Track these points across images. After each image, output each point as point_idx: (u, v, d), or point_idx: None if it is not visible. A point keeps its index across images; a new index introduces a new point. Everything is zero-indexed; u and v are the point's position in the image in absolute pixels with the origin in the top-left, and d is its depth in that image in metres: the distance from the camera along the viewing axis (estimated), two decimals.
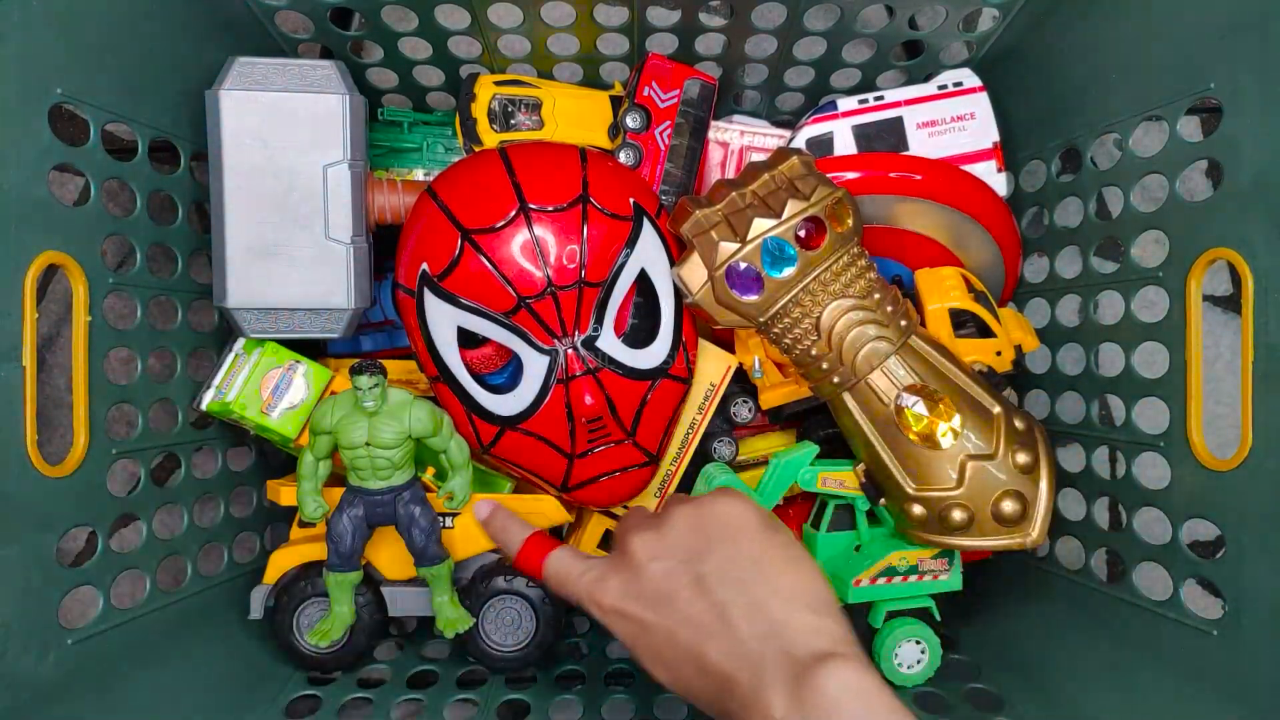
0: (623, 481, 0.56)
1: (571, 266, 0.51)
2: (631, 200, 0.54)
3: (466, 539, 0.58)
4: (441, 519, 0.56)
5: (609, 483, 0.56)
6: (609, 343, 0.53)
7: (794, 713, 0.33)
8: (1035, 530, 0.51)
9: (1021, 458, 0.51)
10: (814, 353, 0.52)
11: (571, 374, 0.53)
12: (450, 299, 0.52)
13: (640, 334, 0.56)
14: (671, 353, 0.55)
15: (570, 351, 0.53)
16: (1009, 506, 0.50)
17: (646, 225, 0.54)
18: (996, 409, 0.52)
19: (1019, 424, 0.52)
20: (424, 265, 0.52)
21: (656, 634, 0.39)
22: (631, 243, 0.53)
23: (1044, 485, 0.51)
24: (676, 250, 0.55)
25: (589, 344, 0.53)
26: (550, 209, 0.51)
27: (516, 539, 0.48)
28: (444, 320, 0.53)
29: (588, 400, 0.52)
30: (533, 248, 0.51)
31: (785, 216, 0.50)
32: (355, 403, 0.52)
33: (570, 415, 0.53)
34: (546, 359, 0.53)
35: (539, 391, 0.53)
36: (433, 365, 0.54)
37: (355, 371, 0.51)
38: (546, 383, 0.53)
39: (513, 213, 0.51)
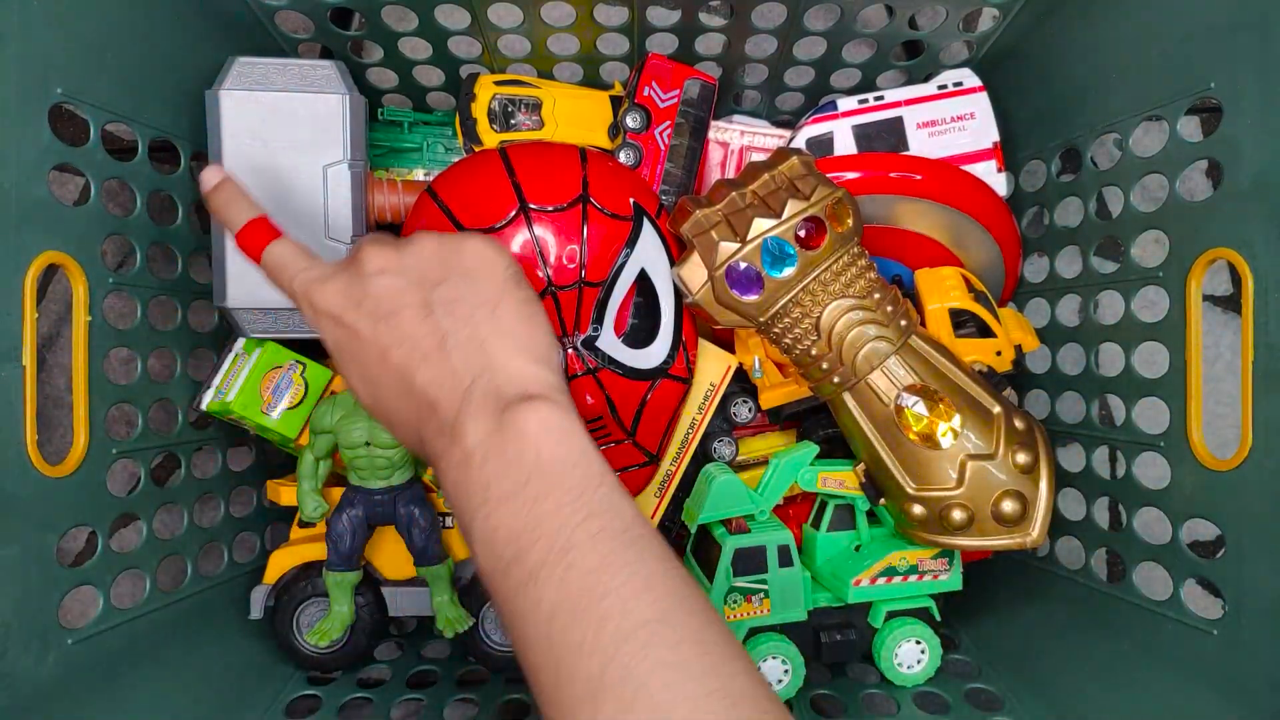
0: (623, 481, 0.56)
1: (571, 266, 0.51)
2: (631, 200, 0.54)
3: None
4: (441, 519, 0.56)
5: None
6: (609, 343, 0.53)
7: (489, 441, 0.33)
8: (1035, 530, 0.51)
9: (1021, 458, 0.51)
10: (814, 353, 0.52)
11: (571, 374, 0.53)
12: None
13: (640, 334, 0.56)
14: (671, 353, 0.55)
15: (570, 351, 0.53)
16: (1009, 506, 0.50)
17: (646, 225, 0.54)
18: (996, 409, 0.52)
19: (1019, 424, 0.52)
20: None
21: (367, 347, 0.37)
22: (631, 242, 0.53)
23: (1044, 485, 0.51)
24: (676, 250, 0.55)
25: (589, 344, 0.53)
26: (550, 209, 0.51)
27: (241, 217, 0.42)
28: None
29: (588, 400, 0.52)
30: (533, 247, 0.51)
31: (785, 216, 0.50)
32: (354, 404, 0.52)
33: None
34: None
35: None
36: None
37: None
38: None
39: (513, 213, 0.51)
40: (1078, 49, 0.57)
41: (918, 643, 0.57)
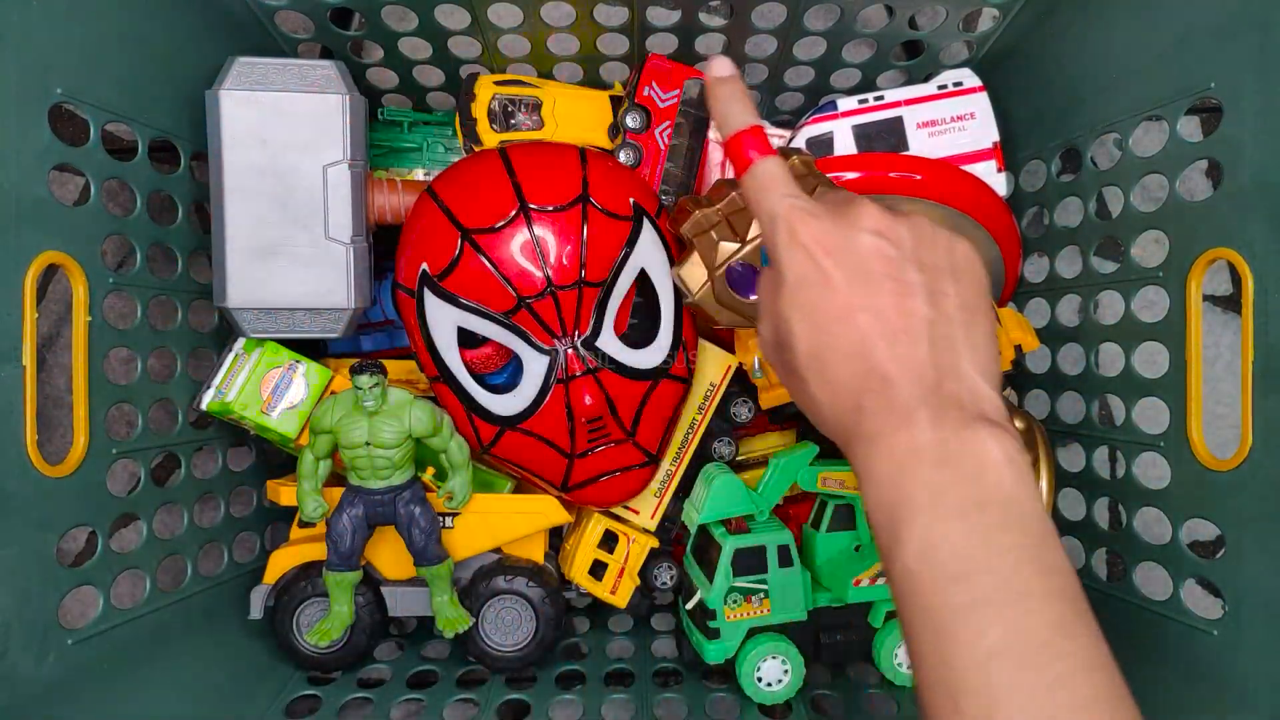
0: (622, 481, 0.56)
1: (571, 266, 0.51)
2: (631, 200, 0.54)
3: (466, 539, 0.58)
4: (441, 519, 0.56)
5: (608, 482, 0.56)
6: (609, 342, 0.53)
7: (947, 446, 0.32)
8: None
9: None
10: None
11: (571, 374, 0.53)
12: (450, 299, 0.52)
13: (640, 334, 0.56)
14: (671, 353, 0.55)
15: (570, 351, 0.53)
16: None
17: (646, 225, 0.54)
18: None
19: (1019, 424, 0.52)
20: (424, 265, 0.52)
21: (834, 296, 0.35)
22: (631, 242, 0.53)
23: (1044, 485, 0.51)
24: (676, 250, 0.55)
25: (589, 344, 0.53)
26: (550, 209, 0.51)
27: (739, 120, 0.40)
28: (444, 320, 0.53)
29: (587, 400, 0.52)
30: (533, 247, 0.51)
31: None
32: (355, 402, 0.52)
33: (570, 415, 0.53)
34: (546, 359, 0.53)
35: (539, 391, 0.53)
36: (433, 365, 0.54)
37: (355, 371, 0.51)
38: (546, 382, 0.53)
39: (513, 213, 0.51)
40: (1077, 49, 0.57)
41: None
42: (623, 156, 0.60)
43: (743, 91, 0.41)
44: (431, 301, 0.52)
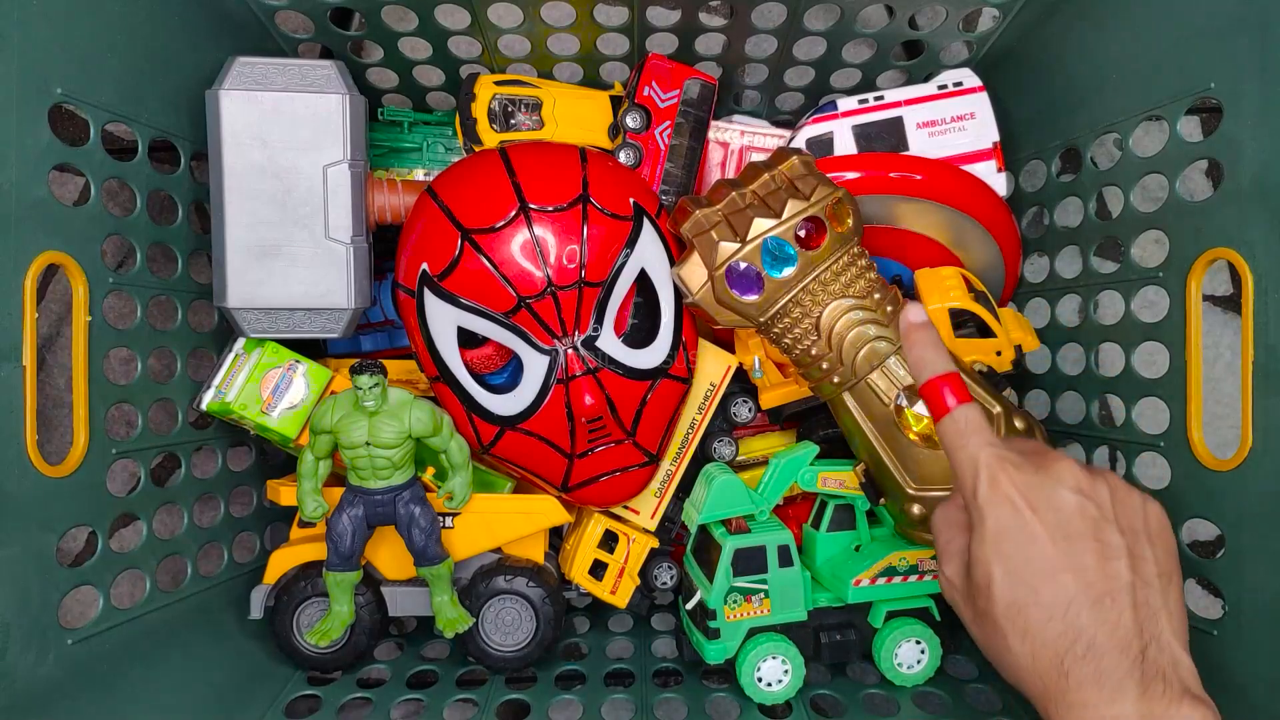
0: (622, 481, 0.56)
1: (571, 266, 0.51)
2: (631, 200, 0.54)
3: (467, 539, 0.58)
4: (441, 519, 0.56)
5: (609, 482, 0.56)
6: (609, 342, 0.53)
7: (1150, 717, 0.32)
8: None
9: None
10: (814, 352, 0.52)
11: (571, 374, 0.52)
12: (450, 299, 0.52)
13: (640, 334, 0.56)
14: (671, 353, 0.55)
15: (570, 351, 0.53)
16: None
17: (646, 225, 0.54)
18: (996, 409, 0.52)
19: (1019, 424, 0.52)
20: (424, 265, 0.52)
21: (1040, 554, 0.36)
22: (631, 242, 0.53)
23: None
24: (676, 250, 0.55)
25: (589, 344, 0.53)
26: (550, 209, 0.51)
27: (936, 366, 0.41)
28: (444, 320, 0.53)
29: (588, 400, 0.52)
30: (533, 247, 0.51)
31: (785, 216, 0.50)
32: (355, 402, 0.52)
33: (570, 415, 0.53)
34: (546, 359, 0.53)
35: (539, 391, 0.53)
36: (433, 365, 0.54)
37: (355, 371, 0.51)
38: (546, 382, 0.53)
39: (513, 212, 0.51)
40: (1078, 49, 0.57)
41: (918, 643, 0.57)
42: (623, 156, 0.60)
43: (938, 339, 0.43)
44: (431, 301, 0.52)
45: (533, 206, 0.51)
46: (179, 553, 0.56)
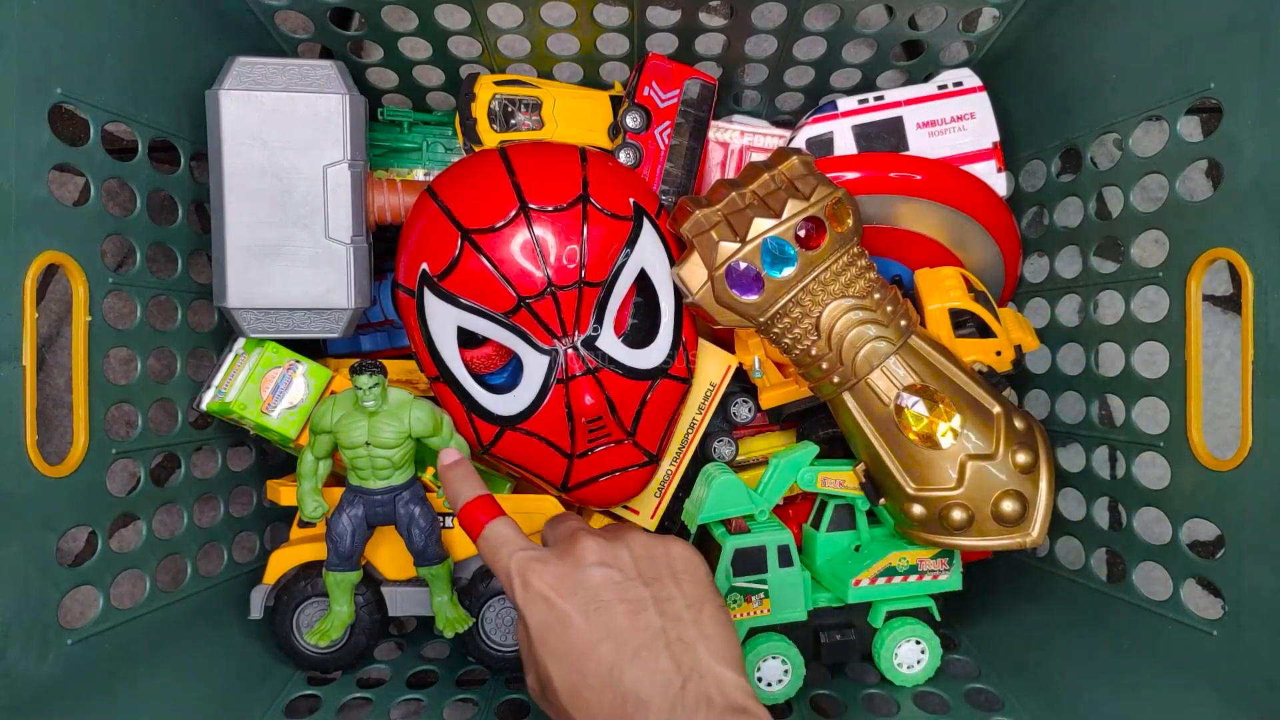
0: (623, 481, 0.56)
1: (571, 266, 0.51)
2: (631, 200, 0.54)
3: (464, 539, 0.58)
4: (441, 519, 0.56)
5: (609, 482, 0.56)
6: (609, 342, 0.53)
7: None
8: (1035, 530, 0.51)
9: (1021, 457, 0.51)
10: (814, 352, 0.52)
11: (571, 374, 0.52)
12: (450, 299, 0.52)
13: (640, 334, 0.56)
14: (671, 353, 0.55)
15: (570, 351, 0.53)
16: (1009, 506, 0.50)
17: (646, 225, 0.54)
18: (996, 409, 0.52)
19: (1019, 424, 0.52)
20: (424, 265, 0.52)
21: (576, 636, 0.38)
22: (631, 242, 0.53)
23: (1044, 485, 0.51)
24: (676, 250, 0.55)
25: (589, 344, 0.53)
26: (550, 209, 0.51)
27: (467, 493, 0.47)
28: (444, 320, 0.53)
29: (588, 400, 0.52)
30: (533, 247, 0.51)
31: (785, 216, 0.50)
32: (355, 402, 0.52)
33: (570, 415, 0.53)
34: (546, 359, 0.53)
35: (539, 391, 0.53)
36: (432, 365, 0.54)
37: (355, 371, 0.51)
38: (546, 382, 0.53)
39: (513, 212, 0.51)
40: (1078, 49, 0.57)
41: (918, 643, 0.57)
42: (623, 156, 0.60)
43: (471, 470, 0.48)
44: (431, 301, 0.52)
45: (533, 206, 0.51)
46: (179, 553, 0.56)
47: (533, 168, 0.53)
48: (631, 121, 0.61)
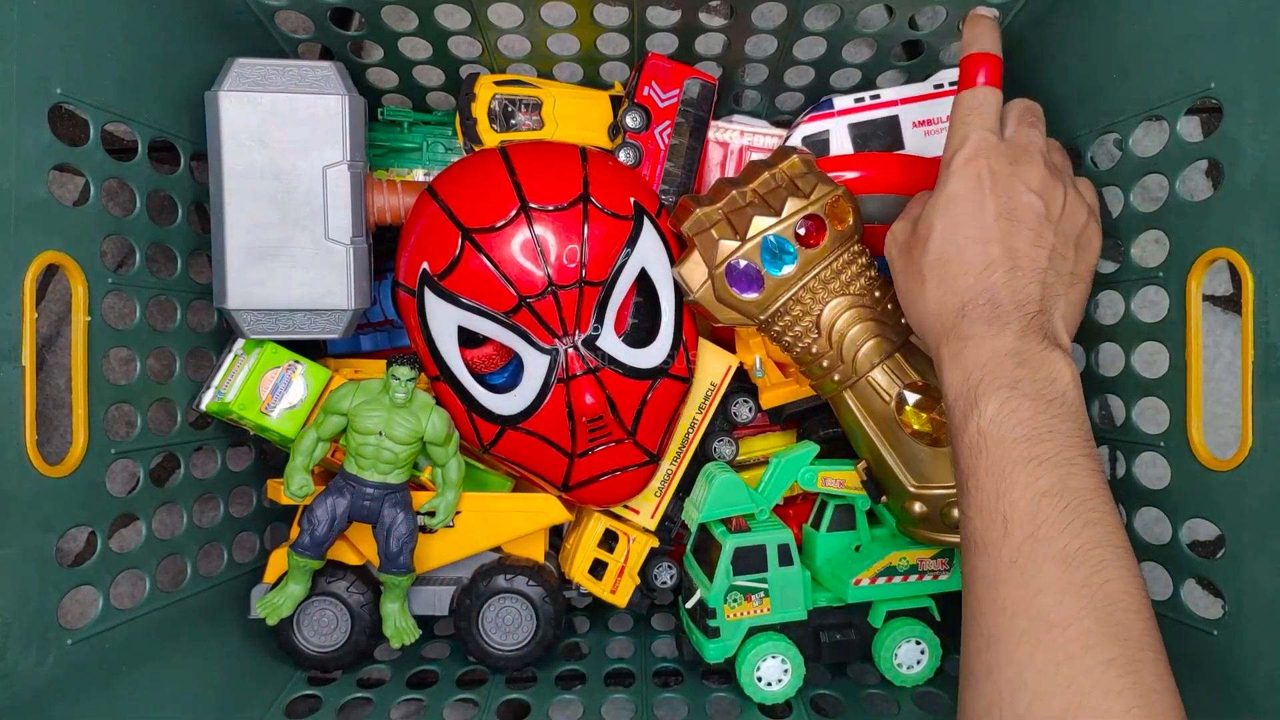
0: (623, 481, 0.56)
1: (572, 266, 0.51)
2: (632, 200, 0.54)
3: (466, 537, 0.58)
4: (420, 525, 0.56)
5: (609, 482, 0.56)
6: (609, 342, 0.53)
7: (1032, 353, 0.41)
8: None
9: None
10: (814, 350, 0.52)
11: (572, 373, 0.52)
12: (451, 298, 0.52)
13: (641, 333, 0.56)
14: (672, 352, 0.55)
15: (571, 351, 0.53)
16: None
17: (647, 224, 0.54)
18: None
19: None
20: (424, 264, 0.52)
21: (981, 220, 0.43)
22: (632, 242, 0.53)
23: None
24: (677, 249, 0.55)
25: (589, 343, 0.53)
26: (551, 208, 0.51)
27: (985, 44, 0.48)
28: (445, 319, 0.53)
29: (588, 400, 0.52)
30: (533, 247, 0.51)
31: (785, 214, 0.50)
32: (377, 392, 0.52)
33: (571, 415, 0.53)
34: (547, 358, 0.53)
35: (539, 390, 0.53)
36: (433, 364, 0.54)
37: (395, 362, 0.51)
38: (547, 382, 0.53)
39: (513, 212, 0.51)
40: (1077, 49, 0.57)
41: (918, 643, 0.57)
42: (623, 156, 0.60)
43: (998, 28, 0.49)
44: (432, 301, 0.52)
45: (533, 206, 0.51)
46: (179, 553, 0.56)
47: (533, 167, 0.53)
48: (631, 121, 0.61)
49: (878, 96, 0.63)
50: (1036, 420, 0.39)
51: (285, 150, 0.53)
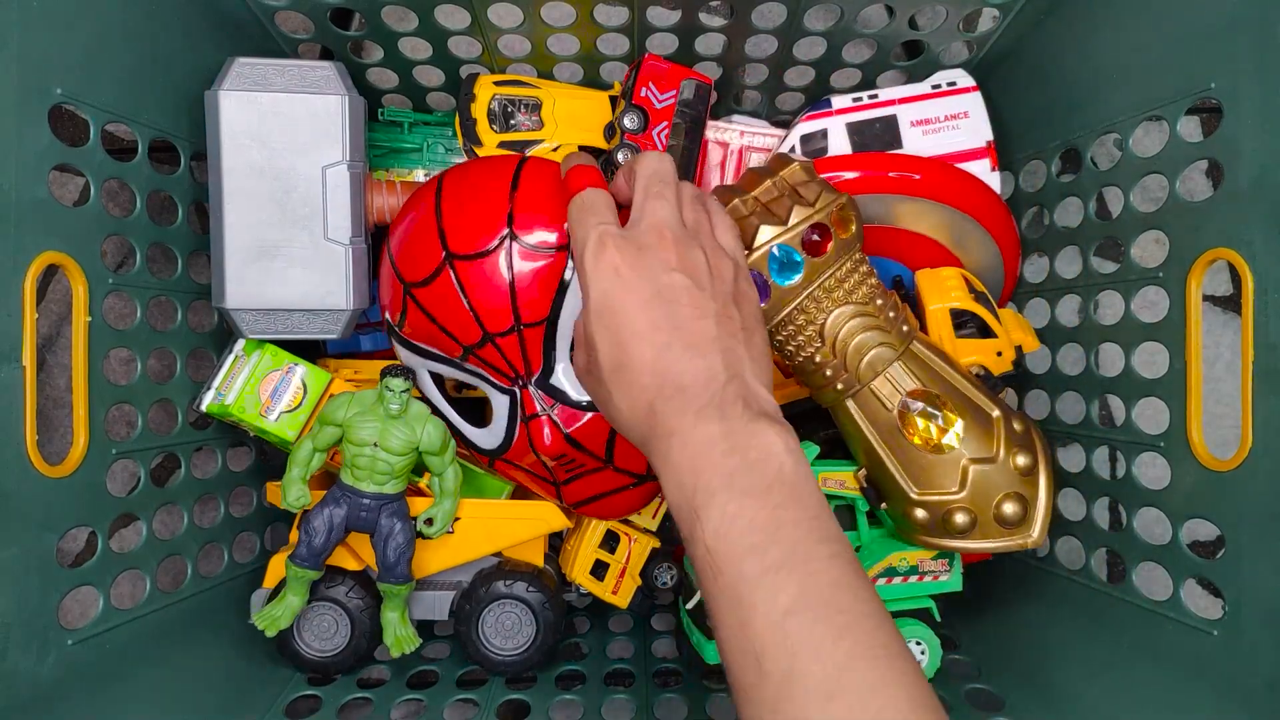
0: (617, 501, 0.55)
1: (502, 312, 0.49)
2: (567, 225, 0.48)
3: (466, 544, 0.58)
4: (417, 531, 0.55)
5: (605, 502, 0.55)
6: (563, 379, 0.51)
7: (736, 438, 0.37)
8: (1036, 531, 0.51)
9: (1021, 460, 0.51)
10: (818, 360, 0.52)
11: (530, 414, 0.52)
12: (411, 347, 0.53)
13: None
14: None
15: (525, 390, 0.52)
16: (1010, 508, 0.50)
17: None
18: (996, 412, 0.52)
19: (1017, 426, 0.52)
20: (386, 314, 0.53)
21: (634, 315, 0.39)
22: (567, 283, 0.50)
23: (1043, 486, 0.51)
24: None
25: (542, 383, 0.51)
26: (473, 254, 0.49)
27: (579, 162, 0.47)
28: (416, 365, 0.54)
29: (546, 440, 0.51)
30: (459, 299, 0.49)
31: (792, 223, 0.50)
32: (372, 403, 0.52)
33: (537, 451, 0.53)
34: (507, 398, 0.52)
35: (506, 428, 0.53)
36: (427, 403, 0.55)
37: (388, 373, 0.51)
38: (512, 420, 0.53)
39: (438, 265, 0.50)
40: (1078, 49, 0.57)
41: (918, 643, 0.57)
42: (620, 158, 0.60)
43: (591, 162, 0.48)
44: (400, 349, 0.54)
45: (456, 256, 0.49)
46: (179, 553, 0.56)
47: (458, 208, 0.51)
48: (629, 122, 0.60)
49: (875, 96, 0.63)
50: (759, 519, 0.35)
51: (285, 150, 0.53)
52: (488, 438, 0.54)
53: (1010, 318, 0.62)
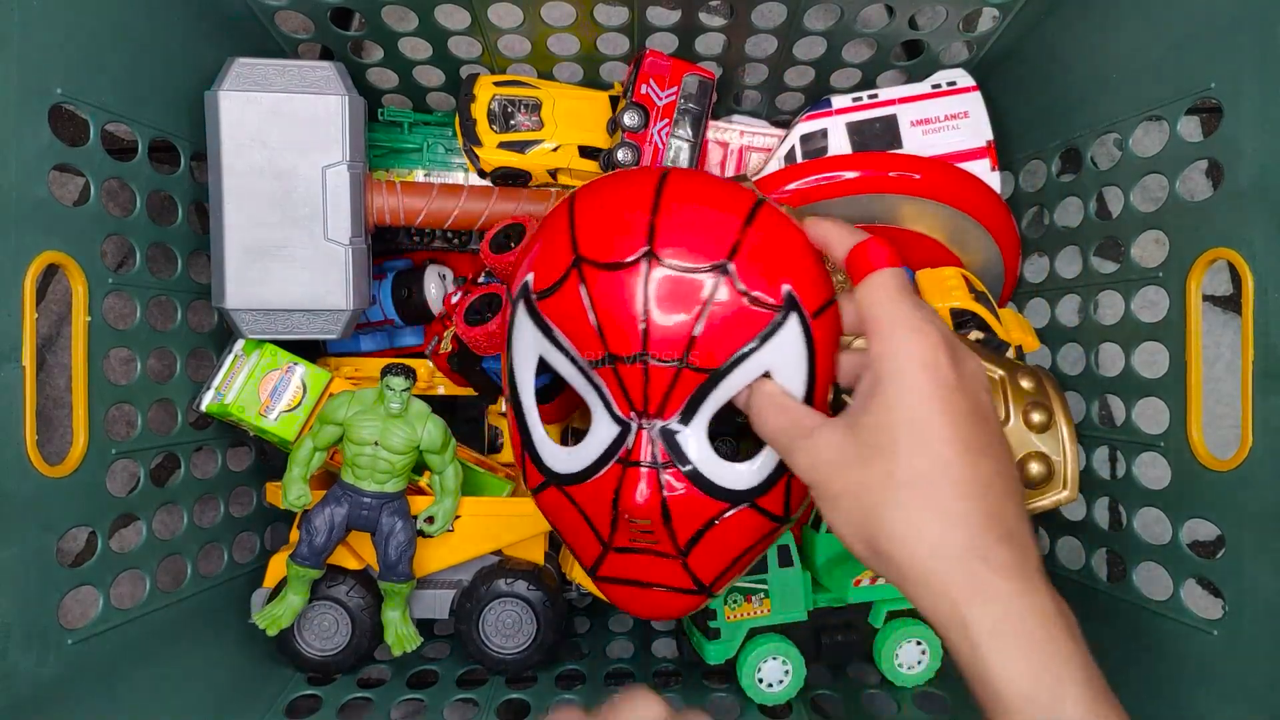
0: (659, 599, 0.45)
1: (678, 339, 0.40)
2: (785, 287, 0.40)
3: (467, 541, 0.58)
4: (418, 531, 0.55)
5: (642, 592, 0.45)
6: (693, 441, 0.41)
7: (1059, 606, 0.32)
8: (1069, 486, 0.50)
9: (1036, 417, 0.50)
10: None
11: (635, 459, 0.41)
12: (542, 324, 0.43)
13: (734, 445, 0.50)
14: (769, 481, 0.42)
15: (642, 431, 0.41)
16: (1035, 468, 0.50)
17: (792, 321, 0.40)
18: (998, 373, 0.51)
19: (1026, 383, 0.51)
20: (530, 276, 0.43)
21: (982, 425, 0.34)
22: (766, 337, 0.40)
23: (1065, 438, 0.50)
24: (827, 361, 0.41)
25: (667, 434, 0.41)
26: (679, 265, 0.40)
27: (848, 241, 0.39)
28: (529, 344, 0.44)
29: (639, 498, 0.41)
30: (642, 301, 0.40)
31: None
32: (372, 402, 0.52)
33: (616, 503, 0.42)
34: (617, 429, 0.42)
35: (598, 460, 0.43)
36: (507, 385, 0.46)
37: (389, 372, 0.51)
38: (608, 455, 0.42)
39: (637, 254, 0.40)
40: (1078, 49, 0.57)
41: (918, 643, 0.57)
42: (621, 155, 0.60)
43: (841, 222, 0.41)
44: (522, 319, 0.44)
45: (659, 256, 0.40)
46: (179, 553, 0.56)
47: (679, 208, 0.41)
48: (629, 120, 0.60)
49: (876, 96, 0.63)
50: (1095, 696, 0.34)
51: (285, 150, 0.53)
52: (565, 459, 0.44)
53: (1010, 317, 0.62)
